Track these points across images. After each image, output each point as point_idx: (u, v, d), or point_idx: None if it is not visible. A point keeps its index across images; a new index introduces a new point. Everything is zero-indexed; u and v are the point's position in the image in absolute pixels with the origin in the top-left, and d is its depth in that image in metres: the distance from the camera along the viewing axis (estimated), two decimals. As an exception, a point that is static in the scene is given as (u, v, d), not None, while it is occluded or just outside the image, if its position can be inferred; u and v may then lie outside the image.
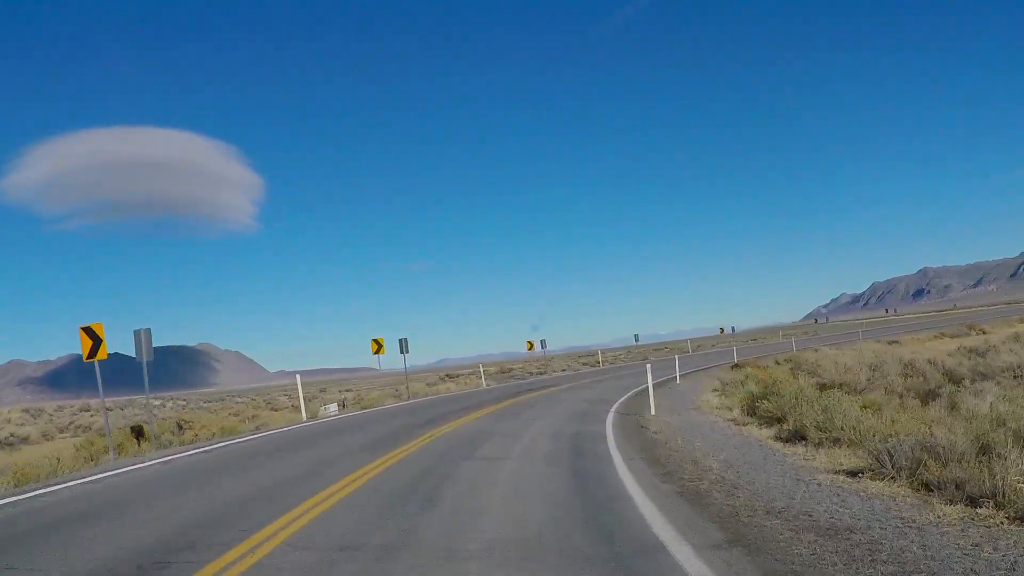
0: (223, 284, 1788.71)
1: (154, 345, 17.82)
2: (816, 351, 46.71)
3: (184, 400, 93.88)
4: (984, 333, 56.55)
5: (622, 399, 23.68)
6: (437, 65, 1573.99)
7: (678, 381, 29.88)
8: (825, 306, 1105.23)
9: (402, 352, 33.05)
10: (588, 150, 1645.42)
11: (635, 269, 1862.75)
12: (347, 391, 70.56)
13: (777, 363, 38.02)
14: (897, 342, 50.93)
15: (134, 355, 17.11)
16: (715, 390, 25.89)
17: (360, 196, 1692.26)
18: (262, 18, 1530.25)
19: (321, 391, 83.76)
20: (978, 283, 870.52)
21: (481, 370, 52.91)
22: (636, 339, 64.79)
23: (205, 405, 61.50)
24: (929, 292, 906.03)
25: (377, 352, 31.48)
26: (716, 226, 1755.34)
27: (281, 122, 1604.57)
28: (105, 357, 16.54)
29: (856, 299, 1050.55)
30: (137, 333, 17.20)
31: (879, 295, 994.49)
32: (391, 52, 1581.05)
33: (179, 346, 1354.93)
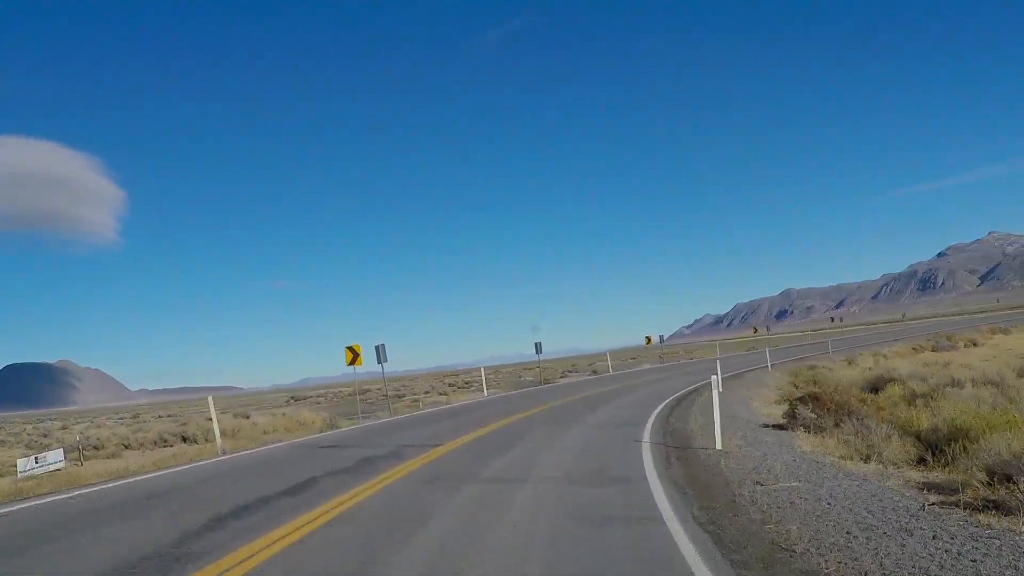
0: (84, 300, 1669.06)
1: (11, 362, 1.07)
2: (814, 367, 36.02)
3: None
4: (975, 344, 46.87)
5: None
6: (308, 81, 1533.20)
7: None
8: (688, 327, 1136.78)
9: None
10: (451, 166, 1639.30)
11: (493, 287, 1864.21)
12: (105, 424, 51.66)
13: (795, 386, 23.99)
14: (885, 356, 42.61)
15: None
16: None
17: (226, 214, 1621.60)
18: (126, 28, 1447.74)
19: (93, 422, 64.99)
20: (840, 304, 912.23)
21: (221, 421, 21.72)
22: (538, 349, 44.71)
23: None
24: (792, 313, 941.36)
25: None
26: (579, 245, 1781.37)
27: (145, 135, 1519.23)
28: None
29: (719, 319, 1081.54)
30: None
31: (742, 315, 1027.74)
32: (262, 65, 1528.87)
33: (36, 363, 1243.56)
